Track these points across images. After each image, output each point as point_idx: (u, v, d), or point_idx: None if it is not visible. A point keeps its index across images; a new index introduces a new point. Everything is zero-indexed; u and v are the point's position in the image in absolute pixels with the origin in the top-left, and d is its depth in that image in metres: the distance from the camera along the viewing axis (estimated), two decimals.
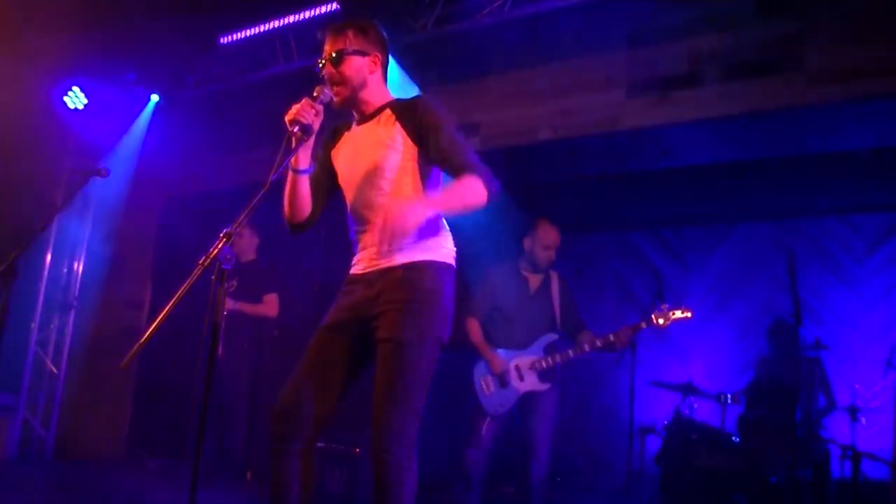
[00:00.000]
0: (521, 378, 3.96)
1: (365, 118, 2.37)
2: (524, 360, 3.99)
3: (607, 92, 4.71)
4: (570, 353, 3.98)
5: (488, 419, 3.96)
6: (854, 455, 4.23)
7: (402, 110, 2.29)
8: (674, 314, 3.97)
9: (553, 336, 4.06)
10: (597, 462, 6.07)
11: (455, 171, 2.21)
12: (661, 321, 3.95)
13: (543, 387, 3.96)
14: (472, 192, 2.12)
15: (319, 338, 2.29)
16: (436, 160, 2.25)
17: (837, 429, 4.80)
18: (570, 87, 4.85)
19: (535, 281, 4.16)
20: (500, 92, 5.14)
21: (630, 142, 4.82)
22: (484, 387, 3.99)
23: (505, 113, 5.10)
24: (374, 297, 2.18)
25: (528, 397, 3.97)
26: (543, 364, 3.96)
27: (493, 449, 3.99)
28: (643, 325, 3.96)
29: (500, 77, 5.16)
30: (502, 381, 3.95)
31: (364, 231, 2.31)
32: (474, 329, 4.08)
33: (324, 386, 2.23)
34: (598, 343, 3.94)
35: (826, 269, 5.83)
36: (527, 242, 4.16)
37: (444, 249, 2.29)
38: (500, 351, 4.02)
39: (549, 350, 4.02)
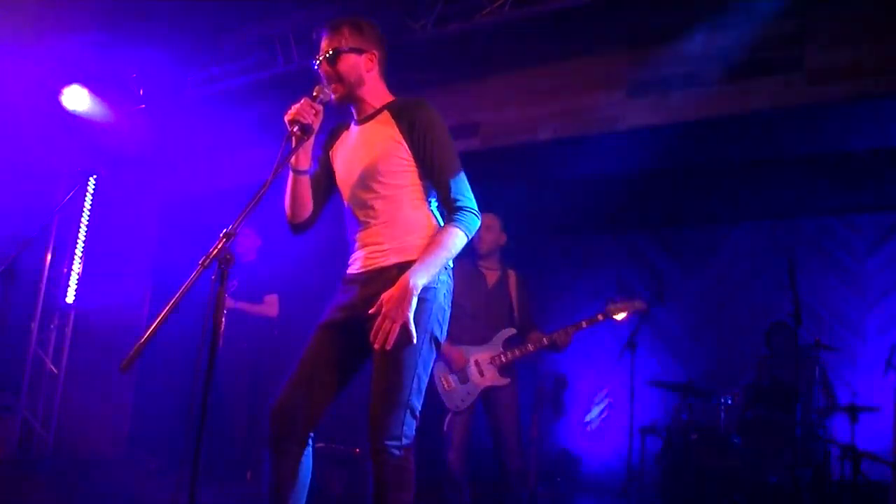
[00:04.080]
0: (482, 373, 3.95)
1: (364, 118, 2.37)
2: (484, 354, 3.98)
3: (607, 92, 4.71)
4: (530, 346, 3.98)
5: (450, 415, 3.96)
6: (854, 455, 4.23)
7: (401, 113, 2.29)
8: (627, 307, 4.03)
9: (511, 330, 4.06)
10: (597, 462, 6.08)
11: (443, 208, 2.27)
12: (614, 314, 4.02)
13: (504, 381, 3.96)
14: (454, 245, 2.21)
15: (316, 337, 2.30)
16: (430, 180, 2.27)
17: (837, 429, 4.80)
18: (570, 87, 4.85)
19: (492, 277, 4.17)
20: (500, 92, 5.14)
21: (630, 142, 4.82)
22: (444, 383, 3.97)
23: (505, 113, 5.10)
24: (370, 297, 2.18)
25: (490, 393, 3.97)
26: (503, 358, 3.96)
27: (467, 446, 3.97)
28: (584, 324, 3.99)
29: (500, 77, 5.16)
30: (462, 376, 3.95)
31: (361, 231, 2.31)
32: None
33: (320, 385, 2.24)
34: (544, 341, 3.96)
35: (826, 269, 5.84)
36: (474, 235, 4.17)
37: None
38: (460, 347, 4.00)
39: (507, 344, 4.02)
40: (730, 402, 4.69)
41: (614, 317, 4.05)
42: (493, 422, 3.99)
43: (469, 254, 4.20)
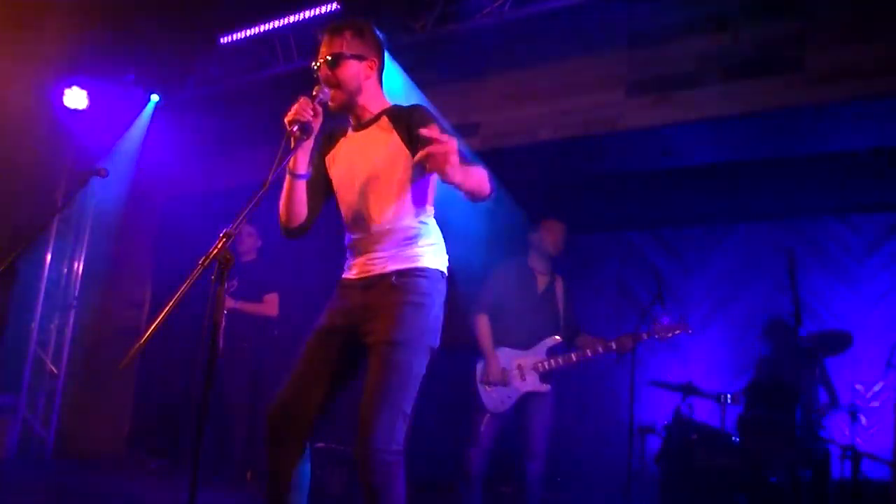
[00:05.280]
0: (523, 378, 4.00)
1: (362, 124, 2.36)
2: (527, 360, 4.02)
3: (607, 92, 4.71)
4: (573, 356, 4.05)
5: (488, 416, 3.99)
6: (854, 455, 4.23)
7: (399, 118, 2.28)
8: (674, 331, 4.16)
9: (556, 339, 4.12)
10: (597, 462, 6.06)
11: None
12: (661, 335, 4.14)
13: (544, 388, 4.01)
14: (483, 177, 2.10)
15: (314, 341, 2.29)
16: (434, 181, 2.26)
17: (837, 429, 4.79)
18: (570, 87, 4.85)
19: (542, 281, 4.23)
20: (500, 92, 5.14)
21: (630, 142, 4.82)
22: (486, 385, 4.02)
23: (505, 113, 5.09)
24: (367, 303, 2.17)
25: (528, 397, 4.01)
26: (546, 366, 4.01)
27: (493, 447, 4.02)
28: (645, 336, 4.09)
29: (500, 77, 5.16)
30: (504, 379, 3.98)
31: (359, 237, 2.30)
32: (483, 327, 4.10)
33: (317, 389, 2.23)
34: (600, 348, 4.03)
35: (826, 269, 5.82)
36: (534, 237, 4.28)
37: (436, 257, 2.30)
38: (504, 349, 4.05)
39: (551, 352, 4.06)
40: (730, 402, 4.68)
41: (658, 337, 4.17)
42: (524, 425, 4.03)
43: (521, 253, 4.32)
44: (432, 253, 2.28)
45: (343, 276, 2.35)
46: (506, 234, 4.30)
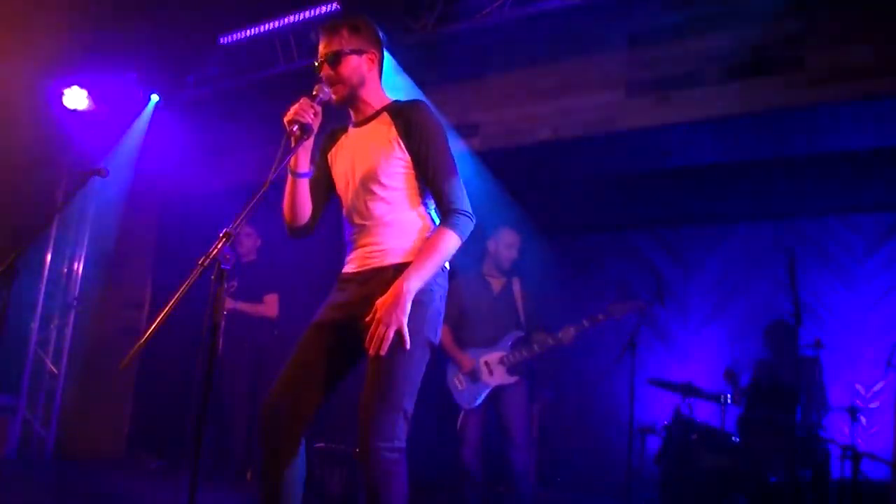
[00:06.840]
0: (491, 373, 4.21)
1: (362, 121, 2.36)
2: (492, 356, 4.24)
3: (607, 92, 4.71)
4: (535, 347, 4.24)
5: (462, 413, 4.23)
6: (854, 455, 4.23)
7: (399, 115, 2.29)
8: (627, 310, 4.27)
9: (519, 333, 4.32)
10: (597, 462, 6.07)
11: (438, 210, 2.27)
12: (616, 314, 4.25)
13: (512, 380, 4.22)
14: (448, 249, 2.20)
15: (309, 336, 2.28)
16: (425, 182, 2.27)
17: (837, 429, 4.79)
18: (570, 87, 4.85)
19: (497, 284, 4.43)
20: (500, 92, 5.14)
21: (630, 142, 4.82)
22: (457, 384, 4.26)
23: (505, 113, 5.10)
24: (366, 297, 2.17)
25: (500, 391, 4.22)
26: (511, 359, 4.22)
27: (481, 444, 4.21)
28: (601, 317, 4.22)
29: (500, 77, 5.16)
30: (473, 376, 4.21)
31: (358, 232, 2.31)
32: (443, 333, 4.27)
33: (312, 384, 2.22)
34: (550, 341, 4.21)
35: (826, 269, 5.83)
36: (491, 244, 4.44)
37: None
38: (469, 350, 4.27)
39: (515, 346, 4.27)
40: (730, 402, 4.69)
41: (614, 315, 4.27)
42: (501, 419, 4.22)
43: (475, 263, 4.46)
44: None
45: (342, 269, 2.35)
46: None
